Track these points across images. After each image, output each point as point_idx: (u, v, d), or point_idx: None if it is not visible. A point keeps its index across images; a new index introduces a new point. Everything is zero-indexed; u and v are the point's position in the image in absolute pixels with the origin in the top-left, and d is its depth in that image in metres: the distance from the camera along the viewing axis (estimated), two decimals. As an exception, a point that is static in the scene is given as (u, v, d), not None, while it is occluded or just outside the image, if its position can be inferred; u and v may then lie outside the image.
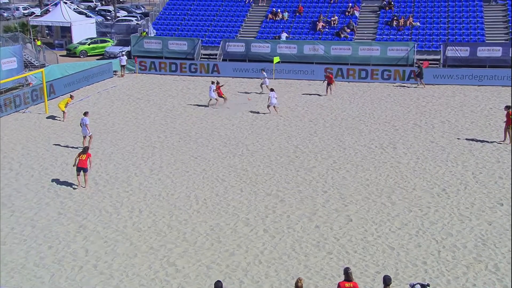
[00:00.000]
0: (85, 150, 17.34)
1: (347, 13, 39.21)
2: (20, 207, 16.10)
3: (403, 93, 30.83)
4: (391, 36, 36.78)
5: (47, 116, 25.96)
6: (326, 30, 38.05)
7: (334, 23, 38.33)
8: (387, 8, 39.14)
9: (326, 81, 30.45)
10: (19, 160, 20.02)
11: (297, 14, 40.07)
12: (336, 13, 39.38)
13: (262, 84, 30.99)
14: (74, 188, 17.34)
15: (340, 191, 17.53)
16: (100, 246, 13.96)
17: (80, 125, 21.29)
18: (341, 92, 31.09)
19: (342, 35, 37.20)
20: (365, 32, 37.99)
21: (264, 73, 31.23)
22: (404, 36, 36.58)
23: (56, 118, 25.02)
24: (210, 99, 27.77)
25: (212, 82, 27.93)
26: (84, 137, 21.05)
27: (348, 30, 37.49)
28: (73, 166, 17.41)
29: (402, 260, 13.43)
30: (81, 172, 17.20)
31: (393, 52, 34.85)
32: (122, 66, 35.42)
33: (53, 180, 18.12)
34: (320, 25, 38.10)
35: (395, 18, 37.66)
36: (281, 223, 15.33)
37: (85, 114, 21.22)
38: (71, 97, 25.45)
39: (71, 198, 16.80)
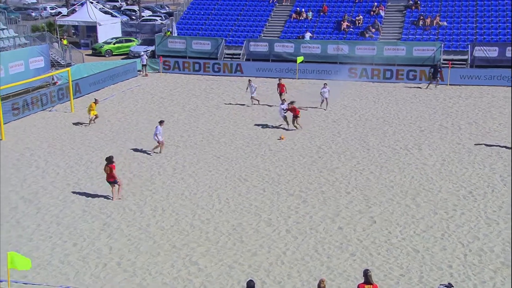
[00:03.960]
0: (109, 160, 16.49)
1: (372, 12, 38.88)
2: (46, 204, 16.41)
3: (428, 94, 30.42)
4: (417, 36, 36.32)
5: (75, 121, 26.36)
6: (351, 30, 37.79)
7: (359, 23, 38.04)
8: (413, 7, 38.67)
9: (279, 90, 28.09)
10: (46, 158, 20.39)
11: (322, 13, 39.90)
12: (361, 12, 39.07)
13: (252, 96, 27.95)
14: (108, 198, 16.80)
15: (363, 193, 17.39)
16: (123, 244, 14.13)
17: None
18: (365, 93, 30.84)
19: (367, 35, 36.90)
20: (391, 31, 37.60)
21: (252, 84, 28.05)
22: (431, 36, 36.09)
23: (83, 123, 24.60)
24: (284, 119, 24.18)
25: (283, 101, 24.35)
26: (158, 143, 20.80)
27: (373, 30, 37.16)
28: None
29: (427, 263, 13.26)
30: (113, 185, 16.61)
31: (419, 52, 34.38)
32: (144, 66, 35.79)
33: (78, 178, 18.40)
34: (344, 24, 37.86)
35: (422, 17, 37.18)
36: (303, 224, 15.29)
37: (160, 123, 20.78)
38: (96, 101, 24.94)
39: (95, 196, 17.04)
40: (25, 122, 24.90)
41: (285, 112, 23.69)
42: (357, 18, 38.30)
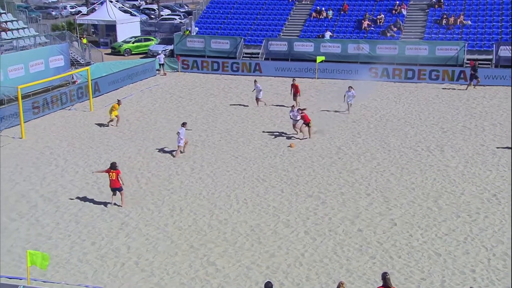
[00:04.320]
0: (113, 167, 16.16)
1: (394, 11, 38.55)
2: (65, 203, 16.63)
3: (451, 94, 30.05)
4: (440, 35, 35.90)
5: (96, 122, 26.65)
6: (372, 28, 37.52)
7: (380, 22, 37.76)
8: (436, 6, 38.23)
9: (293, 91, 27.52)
10: (65, 156, 20.67)
11: (342, 12, 39.69)
12: (383, 11, 38.77)
13: (256, 97, 27.66)
14: (106, 206, 16.37)
15: (384, 194, 17.26)
16: (141, 244, 14.25)
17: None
18: (386, 93, 30.60)
19: (389, 34, 36.60)
20: (413, 31, 37.21)
21: (258, 85, 27.68)
22: (454, 35, 35.63)
23: (104, 125, 24.40)
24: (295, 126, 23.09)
25: (293, 107, 23.29)
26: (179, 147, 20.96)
27: (395, 29, 36.84)
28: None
29: (449, 267, 13.10)
30: (116, 192, 16.31)
31: (442, 52, 33.98)
32: (161, 65, 36.04)
33: (97, 177, 18.60)
34: (365, 23, 37.60)
35: (445, 16, 36.73)
36: (322, 226, 15.23)
37: (183, 124, 20.89)
38: (119, 102, 24.67)
39: (114, 195, 17.19)
40: (45, 120, 25.27)
41: (297, 119, 22.39)
42: (378, 17, 38.01)
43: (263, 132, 23.73)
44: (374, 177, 18.63)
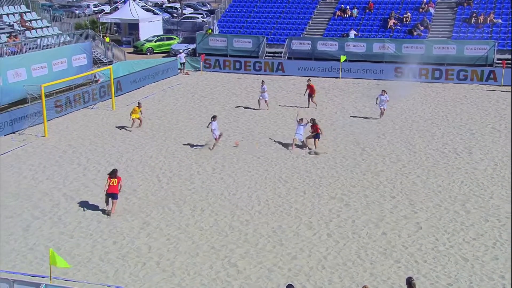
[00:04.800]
0: (114, 173, 15.96)
1: (421, 9, 38.11)
2: (87, 202, 16.86)
3: (480, 95, 29.59)
4: (468, 34, 35.36)
5: (118, 124, 26.95)
6: (398, 27, 37.16)
7: (406, 20, 37.37)
8: (465, 4, 37.67)
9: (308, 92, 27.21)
10: (87, 155, 20.97)
11: (367, 11, 39.40)
12: (409, 9, 38.36)
13: (260, 98, 27.21)
14: (104, 213, 16.05)
15: (409, 197, 17.08)
16: (163, 244, 14.37)
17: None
18: (412, 93, 30.26)
19: (415, 33, 36.19)
20: (440, 30, 36.74)
21: (264, 86, 27.11)
22: (484, 34, 35.06)
23: (126, 128, 24.10)
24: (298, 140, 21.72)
25: (302, 121, 21.49)
26: (215, 139, 21.34)
27: (422, 28, 36.41)
28: (104, 191, 16.09)
29: (477, 272, 12.90)
30: (110, 199, 15.88)
31: (471, 51, 33.49)
32: (182, 64, 36.28)
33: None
34: (391, 22, 37.25)
35: (474, 14, 36.16)
36: (345, 228, 15.15)
37: (214, 118, 21.24)
38: (139, 105, 24.56)
39: (135, 195, 17.40)
40: (67, 119, 25.68)
41: (302, 135, 21.22)
42: (405, 15, 37.63)
43: (286, 132, 23.68)
44: (399, 179, 18.44)
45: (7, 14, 32.48)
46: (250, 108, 27.56)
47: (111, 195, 15.85)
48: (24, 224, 15.38)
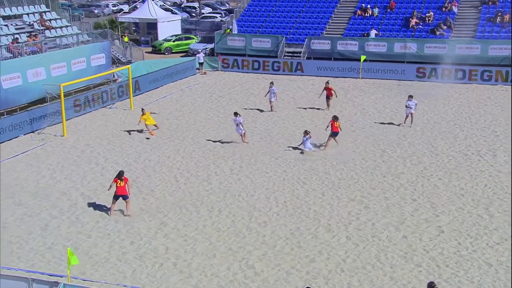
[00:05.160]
0: (121, 174, 15.83)
1: (444, 8, 37.69)
2: (104, 202, 17.01)
3: (505, 96, 29.14)
4: (493, 34, 34.86)
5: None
6: (420, 27, 36.81)
7: (429, 20, 36.99)
8: (490, 3, 37.15)
9: (325, 94, 26.91)
10: (105, 155, 21.17)
11: (389, 10, 39.11)
12: (432, 8, 37.97)
13: (270, 100, 26.83)
14: (108, 214, 16.03)
15: (430, 200, 16.90)
16: (180, 244, 14.43)
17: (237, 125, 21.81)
18: (434, 94, 29.96)
19: (438, 33, 35.81)
20: (464, 29, 36.29)
21: (274, 88, 26.64)
22: (509, 34, 34.50)
23: (148, 138, 23.18)
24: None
25: (307, 134, 20.93)
26: (240, 135, 21.91)
27: (445, 27, 36.01)
28: (108, 190, 16.28)
29: (501, 278, 12.70)
30: (119, 200, 15.87)
31: (496, 51, 33.02)
32: (200, 64, 36.44)
33: (136, 176, 18.96)
34: (413, 21, 36.92)
35: (499, 14, 35.63)
36: (365, 231, 15.04)
37: (236, 114, 21.92)
38: (143, 112, 23.49)
39: (152, 195, 17.52)
40: (85, 118, 25.96)
41: (308, 145, 20.88)
42: (427, 14, 37.26)
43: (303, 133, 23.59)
44: (420, 182, 18.26)
45: (28, 14, 32.99)
46: (264, 110, 27.52)
47: (121, 196, 15.86)
48: (42, 223, 15.59)
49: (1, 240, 14.60)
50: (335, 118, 21.33)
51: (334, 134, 21.17)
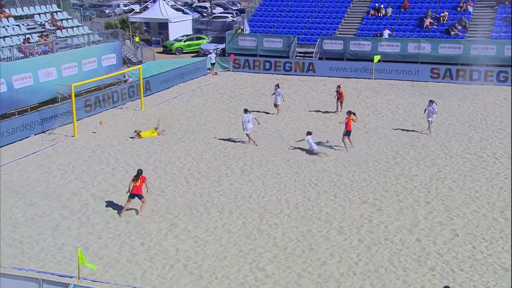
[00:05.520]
0: (138, 173, 16.01)
1: (459, 8, 37.43)
2: (115, 202, 17.10)
3: (521, 97, 28.87)
4: (510, 34, 34.52)
5: (146, 122, 27.20)
6: (434, 27, 36.59)
7: (443, 20, 36.75)
8: (506, 2, 36.81)
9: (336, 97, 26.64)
10: (116, 155, 21.28)
11: (402, 9, 38.92)
12: (447, 8, 37.73)
13: (276, 103, 26.51)
14: (120, 214, 16.19)
15: (445, 203, 16.78)
16: (190, 246, 14.46)
17: (242, 123, 22.08)
18: (448, 95, 29.77)
19: (453, 33, 35.56)
20: (479, 29, 36.00)
21: (278, 89, 26.41)
22: (525, 34, 34.23)
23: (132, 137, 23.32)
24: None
25: (310, 134, 21.27)
26: (248, 134, 22.08)
27: (460, 27, 35.76)
28: (127, 193, 16.20)
29: (516, 284, 12.58)
30: (134, 199, 16.02)
31: (512, 52, 32.72)
32: (212, 64, 36.53)
33: (146, 177, 18.96)
34: (427, 21, 36.71)
35: (516, 13, 35.35)
36: (378, 234, 14.97)
37: (246, 111, 22.12)
38: (138, 133, 23.12)
39: (163, 196, 17.58)
40: (96, 119, 26.11)
41: (314, 147, 20.95)
42: (442, 14, 37.03)
43: (316, 134, 23.55)
44: (434, 184, 18.14)
45: (39, 14, 33.27)
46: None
47: (136, 196, 15.98)
48: (53, 223, 15.71)
49: (12, 240, 14.73)
50: (350, 113, 21.25)
51: (348, 133, 21.10)
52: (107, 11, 64.43)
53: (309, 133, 21.07)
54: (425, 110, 23.37)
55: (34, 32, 31.45)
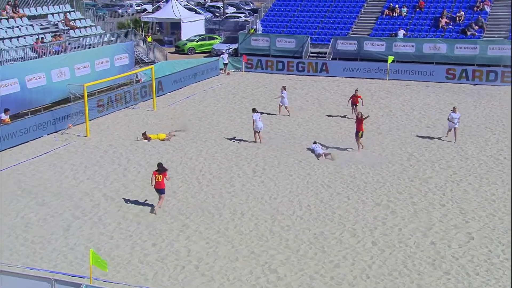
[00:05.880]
0: (160, 169, 16.33)
1: (475, 8, 37.12)
2: (127, 203, 17.21)
3: (539, 98, 28.55)
4: (527, 34, 34.22)
5: (158, 122, 27.31)
6: (450, 27, 36.33)
7: (459, 19, 36.48)
8: (524, 2, 36.47)
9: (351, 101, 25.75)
10: (128, 155, 21.41)
11: (417, 9, 38.70)
12: (463, 8, 37.43)
13: (285, 105, 26.24)
14: (152, 212, 16.49)
15: (460, 206, 16.65)
16: (202, 247, 14.50)
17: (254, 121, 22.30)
18: (464, 96, 29.55)
19: (469, 33, 35.28)
20: (496, 29, 35.66)
21: (284, 91, 26.09)
22: (543, 34, 33.86)
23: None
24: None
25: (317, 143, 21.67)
26: (257, 132, 22.32)
27: (476, 27, 35.45)
28: (151, 185, 16.51)
29: (534, 288, 12.44)
30: (159, 194, 16.49)
31: (529, 52, 32.38)
32: (225, 64, 36.61)
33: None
34: (443, 21, 36.45)
35: (534, 13, 34.96)
36: (391, 236, 14.90)
37: (254, 110, 22.51)
38: (145, 134, 23.17)
39: (174, 196, 17.65)
40: (109, 119, 26.29)
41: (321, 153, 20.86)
42: (458, 14, 36.75)
43: (329, 135, 23.52)
44: (449, 187, 18.01)
45: (52, 14, 33.59)
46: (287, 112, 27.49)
47: (158, 190, 16.39)
48: (65, 223, 15.84)
49: (25, 240, 14.88)
50: (362, 115, 21.06)
51: (360, 133, 20.90)
52: (120, 11, 64.81)
53: (314, 142, 21.52)
54: (449, 117, 22.34)
55: (47, 32, 31.75)
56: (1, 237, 14.88)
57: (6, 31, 29.34)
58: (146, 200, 17.27)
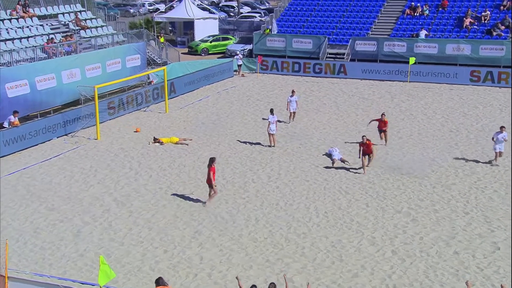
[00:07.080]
0: (209, 163, 17.20)
1: (502, 7, 36.79)
2: (138, 208, 17.31)
3: None
4: (555, 34, 33.84)
5: (171, 125, 27.45)
6: (475, 27, 36.05)
7: (485, 19, 36.19)
8: (552, 0, 36.11)
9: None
10: (139, 159, 21.53)
11: (440, 9, 38.49)
12: (488, 7, 37.13)
13: (294, 110, 25.88)
14: (199, 203, 17.46)
15: (485, 214, 16.49)
16: (215, 254, 14.52)
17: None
18: (489, 99, 29.27)
19: (495, 33, 34.98)
20: (523, 29, 35.35)
21: (295, 96, 25.87)
22: None
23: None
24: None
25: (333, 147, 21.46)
26: (271, 134, 22.41)
27: (503, 27, 35.14)
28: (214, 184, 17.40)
29: (563, 302, 12.26)
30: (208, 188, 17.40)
31: (558, 53, 32.02)
32: (239, 66, 36.71)
33: (170, 182, 19.21)
34: (467, 21, 36.20)
35: (562, 12, 34.58)
36: (412, 245, 14.79)
37: (272, 112, 22.58)
38: (155, 139, 23.34)
39: (187, 201, 17.70)
40: (119, 122, 26.48)
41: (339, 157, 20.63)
42: (483, 14, 36.47)
43: (347, 139, 23.45)
44: (473, 194, 17.84)
45: (63, 13, 33.95)
46: (303, 113, 27.43)
47: (208, 185, 17.30)
48: (74, 229, 15.97)
49: (34, 245, 15.03)
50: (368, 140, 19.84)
51: (368, 154, 19.87)
52: (131, 10, 65.32)
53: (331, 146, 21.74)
54: (493, 137, 20.54)
55: (57, 32, 32.09)
56: (9, 243, 15.03)
57: (16, 31, 29.73)
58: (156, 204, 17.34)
